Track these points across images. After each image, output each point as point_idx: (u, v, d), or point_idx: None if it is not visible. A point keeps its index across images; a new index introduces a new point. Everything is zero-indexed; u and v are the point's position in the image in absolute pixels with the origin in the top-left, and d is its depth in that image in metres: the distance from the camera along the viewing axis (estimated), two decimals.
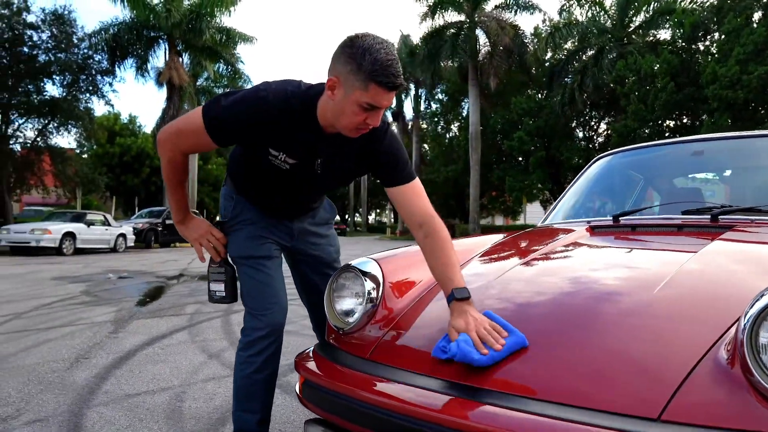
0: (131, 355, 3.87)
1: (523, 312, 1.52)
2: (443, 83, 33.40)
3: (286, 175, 1.76)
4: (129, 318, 5.33)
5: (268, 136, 1.65)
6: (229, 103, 1.62)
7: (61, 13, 21.30)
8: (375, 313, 1.74)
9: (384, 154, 1.75)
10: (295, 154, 1.70)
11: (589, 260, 1.91)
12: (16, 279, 8.70)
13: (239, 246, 1.94)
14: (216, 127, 1.63)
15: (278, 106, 1.60)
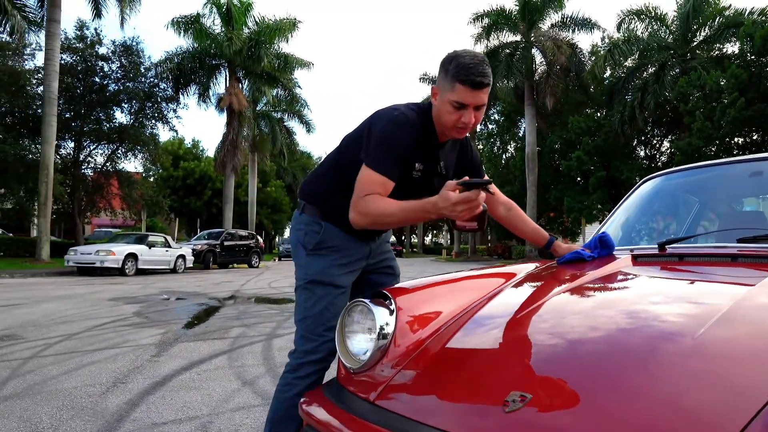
0: (167, 381, 3.86)
1: (556, 351, 1.36)
2: (499, 103, 33.08)
3: (417, 182, 1.90)
4: (173, 341, 5.37)
5: (415, 150, 1.84)
6: (378, 143, 1.78)
7: (130, 44, 22.40)
8: (387, 351, 1.62)
9: (473, 160, 2.10)
10: (424, 160, 1.89)
11: (631, 294, 1.73)
12: (77, 299, 9.00)
13: (322, 270, 1.95)
14: (389, 168, 1.78)
15: (415, 119, 1.82)
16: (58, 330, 5.87)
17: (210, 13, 24.77)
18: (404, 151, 1.79)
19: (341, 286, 1.97)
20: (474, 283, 1.98)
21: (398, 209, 1.72)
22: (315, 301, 1.93)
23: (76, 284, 12.22)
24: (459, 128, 1.79)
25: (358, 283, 2.13)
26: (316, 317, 1.91)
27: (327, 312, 1.92)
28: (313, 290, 1.95)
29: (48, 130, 17.19)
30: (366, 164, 1.78)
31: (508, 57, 26.69)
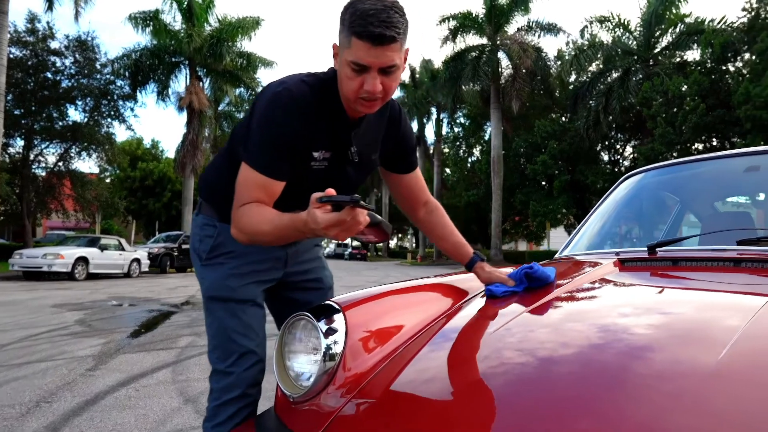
0: (99, 399, 3.45)
1: (537, 369, 1.07)
2: (465, 107, 33.14)
3: (321, 176, 1.49)
4: (114, 352, 4.93)
5: (308, 137, 1.42)
6: (258, 130, 1.39)
7: (84, 39, 21.54)
8: (335, 375, 1.30)
9: (403, 140, 1.63)
10: (330, 146, 1.47)
11: (619, 304, 1.43)
12: (16, 306, 8.40)
13: (217, 283, 1.57)
14: (271, 164, 1.39)
15: (306, 93, 1.40)
16: None
17: (170, 9, 24.02)
18: (291, 138, 1.38)
19: (245, 300, 1.57)
20: (437, 293, 1.68)
21: (271, 227, 1.31)
22: (218, 326, 1.55)
23: (19, 290, 11.53)
24: (363, 100, 1.33)
25: (277, 303, 1.76)
26: (224, 345, 1.54)
27: (235, 334, 1.53)
28: (212, 310, 1.57)
29: None
30: (244, 161, 1.39)
31: (474, 60, 26.66)
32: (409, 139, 1.65)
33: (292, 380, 1.36)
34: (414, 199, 1.73)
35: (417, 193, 1.72)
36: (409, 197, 1.72)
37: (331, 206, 1.14)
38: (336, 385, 1.28)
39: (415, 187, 1.71)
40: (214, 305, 1.56)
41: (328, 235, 1.16)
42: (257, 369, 1.54)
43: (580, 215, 28.15)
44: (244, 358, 1.52)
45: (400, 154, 1.64)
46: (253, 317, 1.57)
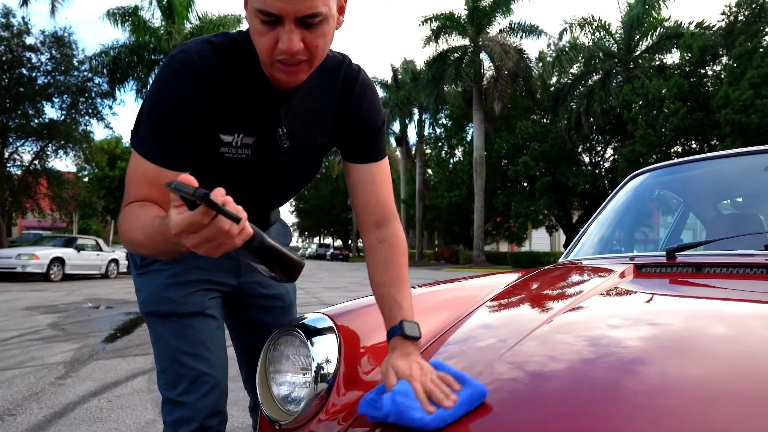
0: (69, 410, 3.24)
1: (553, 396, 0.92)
2: (447, 108, 33.11)
3: (245, 167, 1.19)
4: (88, 358, 4.71)
5: (214, 116, 1.10)
6: (149, 106, 1.08)
7: (61, 35, 21.06)
8: (328, 399, 1.15)
9: (361, 116, 1.23)
10: (252, 129, 1.14)
11: (641, 316, 1.29)
12: None
13: (154, 297, 1.28)
14: (161, 149, 1.08)
15: (212, 58, 1.07)
16: None
17: (150, 6, 23.64)
18: (189, 116, 1.06)
19: (190, 313, 1.27)
20: (438, 302, 1.53)
21: (144, 236, 0.98)
22: (163, 346, 1.27)
23: None
24: (280, 63, 1.00)
25: (231, 321, 1.48)
26: (171, 368, 1.25)
27: (183, 356, 1.24)
28: (154, 328, 1.29)
29: None
30: (132, 146, 1.11)
31: (456, 61, 26.64)
32: (372, 117, 1.24)
33: (278, 404, 1.20)
34: (367, 205, 1.26)
35: (373, 198, 1.25)
36: (361, 200, 1.26)
37: (185, 202, 0.79)
38: (330, 410, 1.14)
39: (371, 188, 1.25)
40: (155, 322, 1.29)
41: (188, 246, 0.81)
42: (215, 395, 1.26)
43: (562, 216, 28.28)
44: (198, 384, 1.24)
45: (357, 135, 1.24)
46: (203, 332, 1.28)
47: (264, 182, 1.25)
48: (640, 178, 2.33)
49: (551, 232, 33.08)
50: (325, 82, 1.19)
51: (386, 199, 1.28)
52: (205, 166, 1.15)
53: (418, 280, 1.76)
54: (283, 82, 1.06)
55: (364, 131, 1.25)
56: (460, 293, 1.60)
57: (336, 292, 12.44)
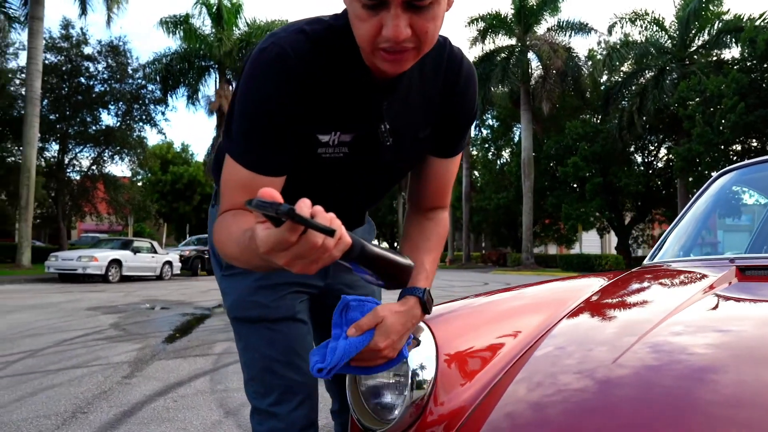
0: (136, 410, 3.30)
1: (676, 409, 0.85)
2: (494, 108, 32.72)
3: (342, 168, 1.09)
4: (150, 358, 4.80)
5: (311, 114, 1.00)
6: (239, 107, 0.99)
7: (117, 44, 21.82)
8: (426, 408, 1.08)
9: (462, 109, 1.13)
10: (351, 126, 1.04)
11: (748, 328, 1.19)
12: (51, 309, 8.39)
13: (243, 302, 1.22)
14: (252, 152, 0.99)
15: (305, 50, 0.96)
16: (22, 345, 5.29)
17: (200, 14, 24.29)
18: (282, 115, 0.97)
19: (281, 318, 1.21)
20: (530, 304, 1.46)
21: (238, 251, 0.90)
22: (253, 354, 1.21)
23: (54, 292, 11.59)
24: (384, 52, 0.89)
25: (315, 318, 1.38)
26: (262, 378, 1.20)
27: (274, 364, 1.18)
28: (242, 334, 1.23)
29: (30, 132, 16.56)
30: (225, 151, 1.03)
31: (503, 61, 26.32)
32: (472, 108, 1.15)
33: (371, 412, 1.15)
34: (431, 194, 1.22)
35: (437, 191, 1.22)
36: (425, 190, 1.22)
37: (269, 219, 0.70)
38: (428, 419, 1.08)
39: (441, 182, 1.21)
40: (244, 328, 1.23)
41: (280, 264, 0.74)
42: (308, 406, 1.22)
43: (614, 218, 27.57)
44: (290, 394, 1.19)
45: (452, 130, 1.15)
46: (293, 338, 1.22)
47: (362, 182, 1.17)
48: (725, 177, 2.21)
49: (602, 234, 32.31)
50: (428, 70, 1.07)
51: (449, 187, 1.24)
52: (300, 169, 1.07)
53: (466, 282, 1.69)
54: (388, 71, 0.95)
55: (462, 123, 1.15)
56: (547, 297, 1.53)
57: (392, 295, 12.38)
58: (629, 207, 28.64)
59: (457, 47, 1.11)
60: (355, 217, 1.32)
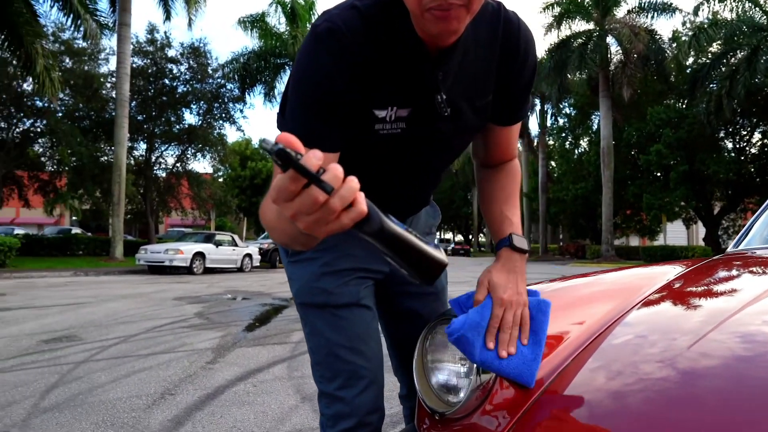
0: (219, 393, 3.46)
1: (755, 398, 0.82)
2: (571, 96, 31.72)
3: (400, 143, 1.09)
4: (231, 345, 5.01)
5: (366, 89, 0.99)
6: (294, 86, 1.00)
7: (197, 46, 22.74)
8: (491, 392, 1.08)
9: (520, 75, 1.11)
10: (407, 99, 1.03)
11: None
12: (141, 298, 8.91)
13: (308, 287, 1.24)
14: (309, 129, 0.97)
15: (357, 26, 0.96)
16: (116, 331, 5.65)
17: (275, 12, 24.89)
18: (336, 92, 0.96)
19: (346, 304, 1.22)
20: (605, 290, 1.43)
21: (275, 217, 0.90)
22: (318, 339, 1.24)
23: (144, 283, 12.28)
24: (432, 12, 0.87)
25: (380, 310, 1.38)
26: (327, 362, 1.22)
27: (339, 349, 1.21)
28: (308, 319, 1.25)
29: (120, 132, 17.56)
30: (278, 128, 1.09)
31: (581, 47, 25.45)
32: (532, 72, 1.13)
33: (437, 395, 1.16)
34: (496, 154, 1.24)
35: (502, 151, 1.24)
36: (490, 152, 1.25)
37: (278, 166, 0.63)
38: (493, 403, 1.07)
39: (505, 143, 1.23)
40: (309, 313, 1.25)
41: (288, 217, 0.68)
42: (374, 390, 1.23)
43: (701, 208, 26.16)
44: (355, 379, 1.21)
45: (513, 96, 1.13)
46: (358, 324, 1.23)
47: (422, 157, 1.15)
48: None
49: (688, 225, 30.72)
50: (483, 37, 1.05)
51: (515, 143, 1.26)
52: (358, 147, 1.07)
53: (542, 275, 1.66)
54: (439, 34, 0.92)
55: (523, 88, 1.13)
56: (622, 283, 1.49)
57: (461, 286, 12.33)
58: (719, 196, 27.06)
59: (512, 11, 1.09)
60: (417, 197, 1.31)
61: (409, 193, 1.27)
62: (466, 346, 1.04)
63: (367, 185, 1.18)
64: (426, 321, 1.31)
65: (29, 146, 21.79)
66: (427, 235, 1.44)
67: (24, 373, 3.88)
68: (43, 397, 3.32)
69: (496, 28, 1.06)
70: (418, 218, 1.39)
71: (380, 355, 1.28)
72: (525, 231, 40.79)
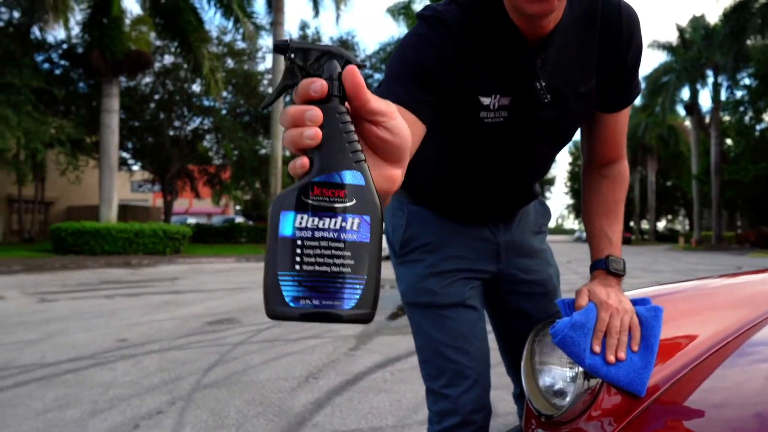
0: (358, 379, 3.58)
1: None
2: (750, 65, 28.29)
3: (504, 131, 1.08)
4: (374, 333, 5.16)
5: (466, 75, 1.00)
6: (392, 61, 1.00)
7: (346, 39, 23.64)
8: (598, 395, 1.01)
9: (628, 57, 1.08)
10: (507, 88, 1.03)
11: None
12: None
13: (414, 288, 1.28)
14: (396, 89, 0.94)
15: (457, 17, 0.99)
16: None
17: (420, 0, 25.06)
18: (433, 71, 0.95)
19: (450, 304, 1.24)
20: (743, 294, 1.26)
21: None
22: (424, 338, 1.27)
23: None
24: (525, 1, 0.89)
25: (488, 308, 1.41)
26: (433, 360, 1.25)
27: (445, 348, 1.23)
28: (414, 318, 1.29)
29: (276, 126, 18.79)
30: None
31: (763, 8, 22.57)
32: (634, 61, 1.09)
33: (545, 397, 1.11)
34: (604, 147, 1.19)
35: (609, 145, 1.19)
36: (597, 147, 1.20)
37: None
38: (600, 408, 1.02)
39: (612, 136, 1.18)
40: (416, 313, 1.29)
41: None
42: (478, 389, 1.24)
43: None
44: (460, 377, 1.23)
45: (617, 80, 1.10)
46: (463, 324, 1.25)
47: (527, 145, 1.14)
48: None
49: None
50: (581, 21, 1.03)
51: (623, 139, 1.20)
52: (464, 138, 1.11)
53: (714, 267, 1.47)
54: (535, 15, 0.91)
55: (628, 70, 1.10)
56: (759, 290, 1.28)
57: None
58: None
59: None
60: (522, 189, 1.28)
61: (515, 183, 1.25)
62: (571, 347, 1.02)
63: (476, 177, 1.17)
64: (535, 321, 1.27)
65: (199, 142, 24.16)
66: (538, 234, 1.40)
67: (191, 351, 4.31)
68: (205, 374, 3.67)
69: (595, 10, 1.04)
70: (527, 215, 1.37)
71: (486, 354, 1.28)
72: (696, 216, 37.35)
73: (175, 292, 8.10)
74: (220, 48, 21.97)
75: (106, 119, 16.28)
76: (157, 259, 14.67)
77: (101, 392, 3.25)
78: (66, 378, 3.54)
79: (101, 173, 16.55)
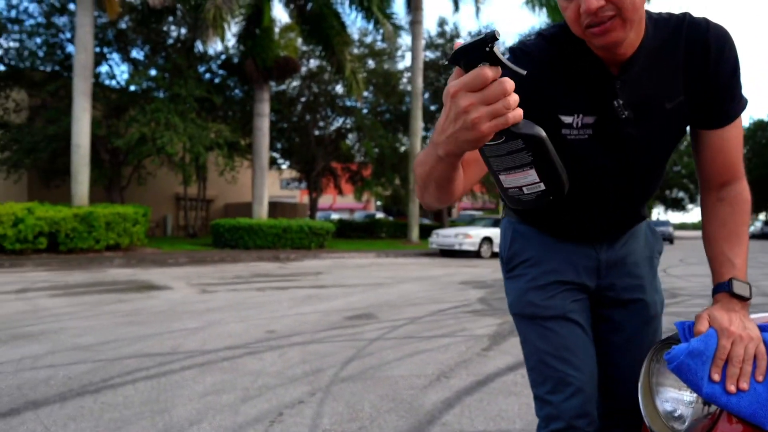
0: (489, 381, 3.64)
1: None
2: None
3: (589, 148, 1.18)
4: (508, 333, 5.17)
5: (553, 96, 1.15)
6: None
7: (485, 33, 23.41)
8: (717, 422, 1.02)
9: (715, 76, 1.13)
10: (590, 107, 1.15)
11: None
12: (430, 281, 9.67)
13: (519, 300, 1.39)
14: None
15: (541, 48, 1.17)
16: (406, 312, 6.28)
17: None
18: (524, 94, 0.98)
19: (553, 316, 1.32)
20: None
21: (421, 160, 0.99)
22: (529, 347, 1.37)
23: (435, 266, 13.26)
24: (590, 30, 1.00)
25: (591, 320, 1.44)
26: (538, 368, 1.34)
27: (548, 357, 1.31)
28: (520, 328, 1.40)
29: (415, 123, 19.14)
30: None
31: None
32: (727, 76, 1.12)
33: (662, 418, 1.13)
34: (715, 167, 1.19)
35: (724, 160, 1.18)
36: (708, 167, 1.20)
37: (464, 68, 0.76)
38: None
39: (722, 155, 1.18)
40: (521, 324, 1.39)
41: (460, 107, 0.75)
42: (581, 397, 1.29)
43: None
44: (562, 385, 1.29)
45: (712, 95, 1.14)
46: (565, 336, 1.32)
47: (617, 163, 1.21)
48: None
49: None
50: (667, 44, 1.13)
51: (735, 159, 1.19)
52: None
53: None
54: (605, 47, 1.04)
55: (723, 86, 1.13)
56: None
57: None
58: None
59: (700, 17, 1.14)
60: (621, 208, 1.32)
61: (614, 200, 1.30)
62: (687, 374, 1.01)
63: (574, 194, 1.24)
64: (642, 314, 1.39)
65: (342, 141, 25.22)
66: (649, 259, 1.43)
67: (331, 345, 4.61)
68: (342, 367, 3.93)
69: (679, 34, 1.13)
70: (635, 238, 1.41)
71: (592, 366, 1.34)
72: None
73: (318, 287, 8.61)
74: (360, 49, 22.78)
75: (258, 123, 17.57)
76: (303, 253, 15.60)
77: (252, 380, 3.61)
78: (222, 365, 3.96)
79: (254, 173, 17.90)
